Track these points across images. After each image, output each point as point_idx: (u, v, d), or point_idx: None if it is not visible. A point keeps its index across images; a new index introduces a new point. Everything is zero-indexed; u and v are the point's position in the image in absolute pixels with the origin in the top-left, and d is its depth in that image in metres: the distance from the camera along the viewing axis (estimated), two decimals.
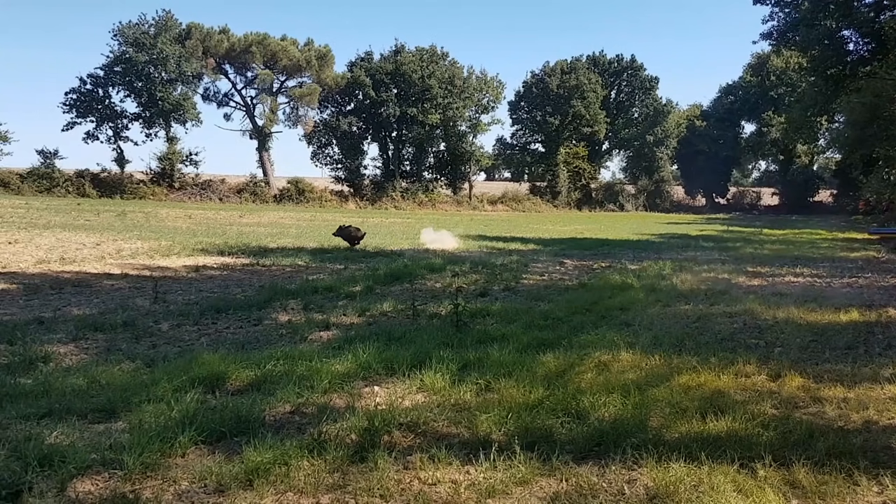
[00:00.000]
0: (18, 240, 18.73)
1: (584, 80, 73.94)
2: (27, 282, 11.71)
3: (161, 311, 9.36)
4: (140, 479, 3.84)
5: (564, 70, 75.29)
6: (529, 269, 15.87)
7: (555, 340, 7.62)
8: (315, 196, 63.71)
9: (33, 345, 7.00)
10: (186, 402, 5.00)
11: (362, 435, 4.49)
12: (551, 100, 74.16)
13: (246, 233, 25.57)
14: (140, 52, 57.64)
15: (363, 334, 7.80)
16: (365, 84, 65.02)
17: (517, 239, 27.15)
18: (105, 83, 60.09)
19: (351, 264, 16.20)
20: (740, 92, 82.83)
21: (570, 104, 73.60)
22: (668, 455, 4.29)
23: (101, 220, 28.76)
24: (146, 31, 59.26)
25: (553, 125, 74.09)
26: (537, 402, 5.21)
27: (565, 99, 73.77)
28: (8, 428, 4.56)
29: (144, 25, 59.99)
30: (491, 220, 47.48)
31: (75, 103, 59.60)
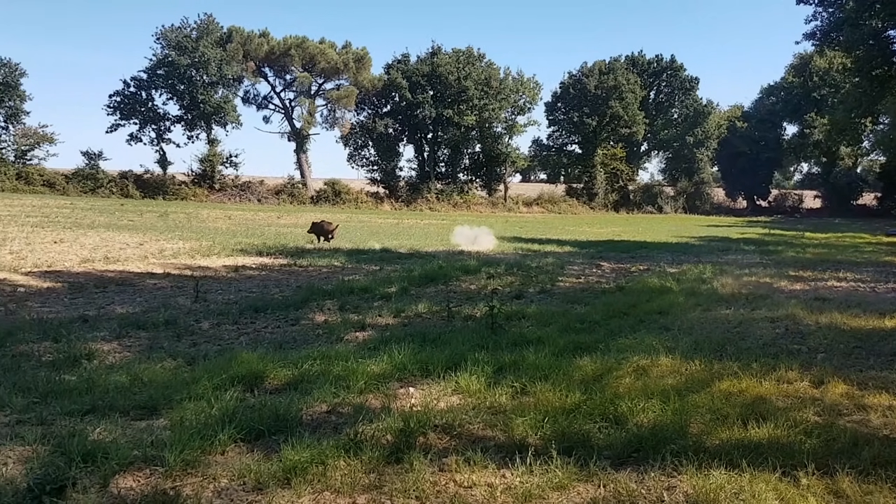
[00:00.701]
0: (64, 239, 19.25)
1: (622, 81, 73.18)
2: (72, 280, 12.02)
3: (202, 310, 9.53)
4: (181, 476, 3.90)
5: (602, 70, 74.63)
6: (565, 272, 15.76)
7: (592, 344, 7.55)
8: (351, 197, 64.22)
9: (78, 342, 7.17)
10: (226, 401, 5.08)
11: (398, 436, 4.50)
12: (589, 100, 73.56)
13: (283, 233, 25.88)
14: (182, 56, 58.80)
15: (398, 335, 7.83)
16: (401, 86, 65.32)
17: (553, 241, 26.98)
18: (148, 86, 61.46)
19: (386, 265, 16.28)
20: (782, 93, 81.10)
21: (608, 105, 72.93)
22: (709, 462, 4.22)
23: (144, 221, 29.40)
24: (188, 35, 60.44)
25: (590, 126, 73.49)
26: (574, 407, 5.16)
27: (603, 99, 73.11)
28: (53, 424, 4.69)
29: (186, 29, 61.19)
30: (526, 222, 47.28)
31: (119, 105, 61.06)
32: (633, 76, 75.16)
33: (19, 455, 4.10)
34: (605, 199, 75.89)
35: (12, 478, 3.76)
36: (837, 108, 46.13)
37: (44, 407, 5.03)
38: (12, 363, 6.31)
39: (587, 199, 75.18)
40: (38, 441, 4.28)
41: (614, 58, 77.27)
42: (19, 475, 3.79)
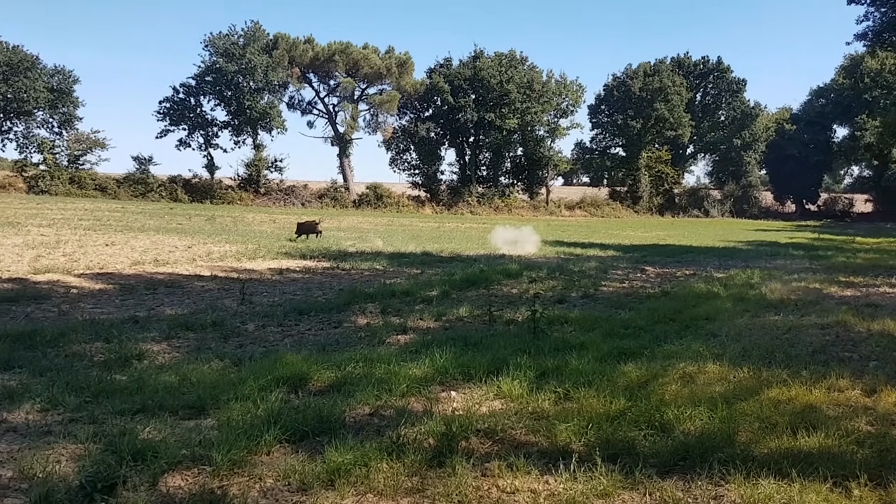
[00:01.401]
0: (115, 242, 19.80)
1: (667, 83, 72.17)
2: (123, 282, 12.35)
3: (247, 312, 9.69)
4: (227, 476, 3.96)
5: (647, 72, 73.72)
6: (609, 276, 15.58)
7: (637, 350, 7.44)
8: (392, 201, 64.65)
9: (128, 343, 7.36)
10: (271, 401, 5.15)
11: (440, 440, 4.50)
12: (633, 103, 72.70)
13: (326, 237, 26.16)
14: (230, 62, 60.04)
15: (440, 339, 7.83)
16: (443, 90, 65.54)
17: (596, 245, 26.72)
18: (196, 92, 62.94)
19: (427, 269, 16.32)
20: (832, 95, 78.86)
21: (653, 107, 71.98)
22: (757, 471, 4.12)
23: (192, 224, 30.07)
24: (235, 42, 61.69)
25: (635, 129, 72.61)
26: (619, 413, 5.09)
27: (648, 102, 72.19)
28: (104, 423, 4.81)
29: (234, 36, 62.47)
30: (568, 226, 46.92)
31: (169, 112, 62.66)
32: (678, 78, 74.05)
33: (72, 453, 4.22)
34: (649, 203, 74.86)
35: (65, 475, 3.86)
36: (890, 110, 44.64)
37: (95, 406, 5.17)
38: (65, 363, 6.50)
39: (631, 203, 74.27)
40: (89, 439, 4.39)
41: (659, 59, 76.31)
42: (72, 473, 3.90)
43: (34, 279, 12.22)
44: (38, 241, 18.80)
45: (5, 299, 10.01)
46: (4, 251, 16.14)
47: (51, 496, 3.56)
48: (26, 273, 12.85)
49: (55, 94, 59.50)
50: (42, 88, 57.93)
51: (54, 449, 4.27)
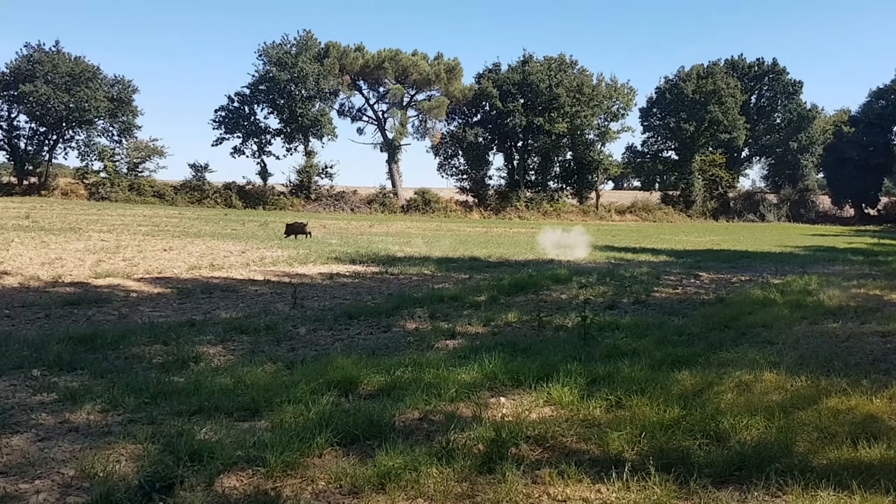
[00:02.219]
0: (173, 247, 20.37)
1: (721, 85, 70.71)
2: (180, 286, 12.69)
3: (299, 316, 9.84)
4: (281, 477, 4.01)
5: (700, 75, 72.38)
6: (661, 282, 15.31)
7: (690, 357, 7.28)
8: (440, 206, 64.93)
9: (185, 345, 7.53)
10: (322, 405, 5.21)
11: (490, 446, 4.47)
12: (686, 106, 71.42)
13: (375, 242, 26.43)
14: (282, 71, 61.28)
15: (488, 344, 7.80)
16: (492, 95, 65.56)
17: (647, 250, 26.30)
18: (251, 101, 64.43)
19: (475, 274, 16.31)
20: (893, 96, 75.96)
21: (706, 110, 70.59)
22: (816, 482, 4.00)
23: (246, 230, 30.74)
24: (288, 51, 62.93)
25: (688, 132, 71.29)
26: (673, 422, 4.98)
27: (701, 104, 70.82)
28: (162, 423, 4.93)
29: (287, 45, 63.77)
30: (619, 231, 46.31)
31: (224, 120, 64.30)
32: (732, 80, 72.49)
33: (131, 453, 4.33)
34: (703, 207, 73.37)
35: (125, 475, 3.96)
36: None
37: (154, 407, 5.30)
38: (125, 365, 6.70)
39: (684, 207, 72.92)
40: (148, 440, 4.50)
41: (713, 62, 74.89)
42: (131, 472, 4.00)
43: (95, 283, 12.65)
44: (99, 247, 19.47)
45: (68, 303, 10.39)
46: (67, 256, 16.77)
47: (111, 495, 3.65)
48: (88, 277, 13.31)
49: (115, 103, 61.68)
50: (103, 98, 60.12)
51: (114, 449, 4.38)
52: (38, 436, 4.66)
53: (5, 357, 6.71)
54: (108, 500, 3.62)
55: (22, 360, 6.62)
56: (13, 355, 6.77)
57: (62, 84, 58.00)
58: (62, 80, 58.08)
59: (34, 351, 6.92)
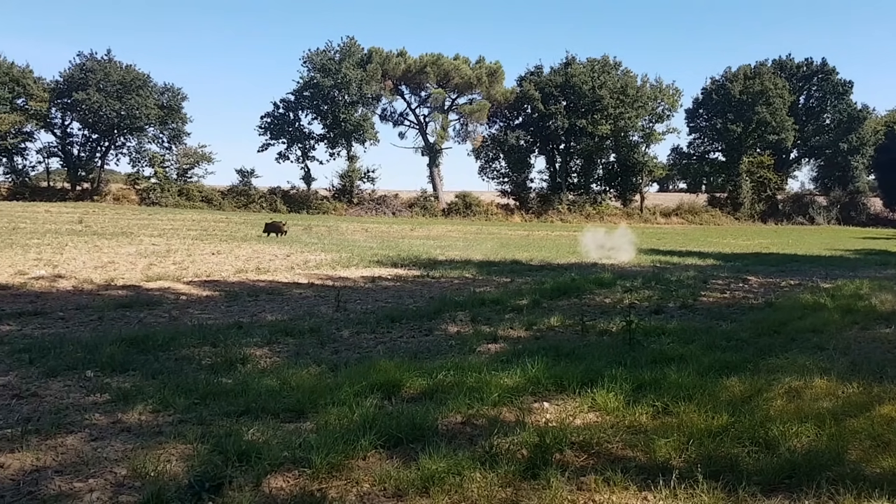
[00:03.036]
0: (221, 251, 20.78)
1: (769, 86, 69.19)
2: (228, 289, 12.93)
3: (342, 319, 9.93)
4: (326, 479, 4.05)
5: (748, 75, 70.95)
6: (708, 286, 15.02)
7: (739, 363, 7.12)
8: (481, 209, 64.92)
9: (233, 347, 7.66)
10: (366, 407, 5.24)
11: (533, 451, 4.44)
12: (733, 106, 70.07)
13: (417, 245, 26.52)
14: (326, 77, 62.11)
15: (531, 348, 7.75)
16: (534, 98, 65.33)
17: (694, 253, 25.87)
18: (295, 107, 65.48)
19: (517, 277, 16.24)
20: None
21: (754, 111, 69.15)
22: (869, 491, 3.89)
23: (290, 234, 31.16)
24: (332, 58, 63.73)
25: (735, 133, 69.94)
26: (721, 429, 4.88)
27: (749, 105, 69.41)
28: (211, 424, 5.02)
29: (331, 52, 64.62)
30: (664, 233, 45.62)
31: (269, 126, 65.46)
32: (780, 81, 70.88)
33: (181, 452, 4.42)
34: (750, 210, 71.82)
35: (175, 474, 4.05)
36: None
37: (203, 407, 5.41)
38: (176, 366, 6.85)
39: (731, 210, 71.48)
40: (198, 440, 4.59)
41: (760, 62, 73.39)
42: (181, 472, 4.08)
43: (147, 286, 12.98)
44: (150, 251, 19.99)
45: (121, 305, 10.68)
46: (120, 260, 17.25)
47: (162, 494, 3.72)
48: (139, 280, 13.67)
49: (165, 110, 63.33)
50: (153, 105, 61.79)
51: (165, 448, 4.48)
52: (92, 435, 4.79)
53: (60, 358, 6.91)
54: (159, 499, 3.70)
55: (76, 361, 6.81)
56: (68, 356, 6.97)
57: (114, 92, 59.78)
58: (114, 88, 59.87)
59: (88, 352, 7.11)
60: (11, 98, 60.45)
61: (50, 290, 12.11)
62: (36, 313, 9.79)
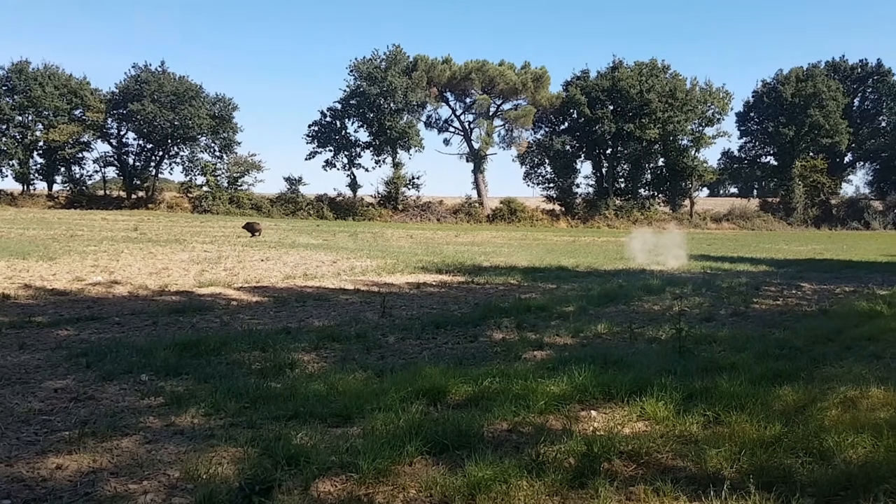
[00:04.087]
0: (269, 258, 21.15)
1: (822, 88, 67.34)
2: (276, 295, 13.15)
3: (388, 325, 9.99)
4: (373, 484, 4.07)
5: (800, 77, 69.20)
6: (761, 293, 14.66)
7: (792, 372, 6.93)
8: (526, 215, 64.66)
9: (282, 352, 7.77)
10: (412, 413, 5.26)
11: (581, 460, 4.39)
12: (785, 109, 68.42)
13: (461, 252, 26.54)
14: (372, 86, 62.78)
15: (577, 356, 7.65)
16: (580, 102, 64.86)
17: (745, 259, 25.27)
18: (342, 115, 66.34)
19: (563, 284, 16.11)
20: None
21: (806, 114, 67.37)
22: None
23: (337, 240, 31.57)
24: (378, 66, 64.38)
25: (787, 136, 68.26)
26: (774, 439, 4.75)
27: (801, 108, 67.66)
28: (261, 427, 5.10)
29: (377, 60, 65.29)
30: (715, 239, 44.69)
31: (317, 134, 66.47)
32: (833, 83, 68.94)
33: (232, 456, 4.50)
34: (803, 215, 69.91)
35: (226, 477, 4.11)
36: None
37: (253, 411, 5.49)
38: (227, 370, 6.98)
39: (784, 215, 69.71)
40: (248, 443, 4.66)
41: (813, 64, 71.55)
42: (232, 475, 4.14)
43: (199, 292, 13.29)
44: (202, 257, 20.48)
45: (174, 310, 10.96)
46: (173, 266, 17.71)
47: (214, 497, 3.79)
48: (192, 286, 14.00)
49: (217, 120, 64.91)
50: (205, 115, 63.38)
51: (217, 451, 4.55)
52: (146, 438, 4.91)
53: (116, 362, 7.11)
54: (210, 501, 3.76)
55: (131, 365, 7.00)
56: (123, 361, 7.17)
57: (167, 102, 61.51)
58: (167, 98, 61.61)
59: (143, 356, 7.30)
60: (70, 109, 62.87)
61: (106, 296, 12.50)
62: (93, 318, 10.11)
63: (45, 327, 9.27)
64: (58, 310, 10.80)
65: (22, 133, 61.92)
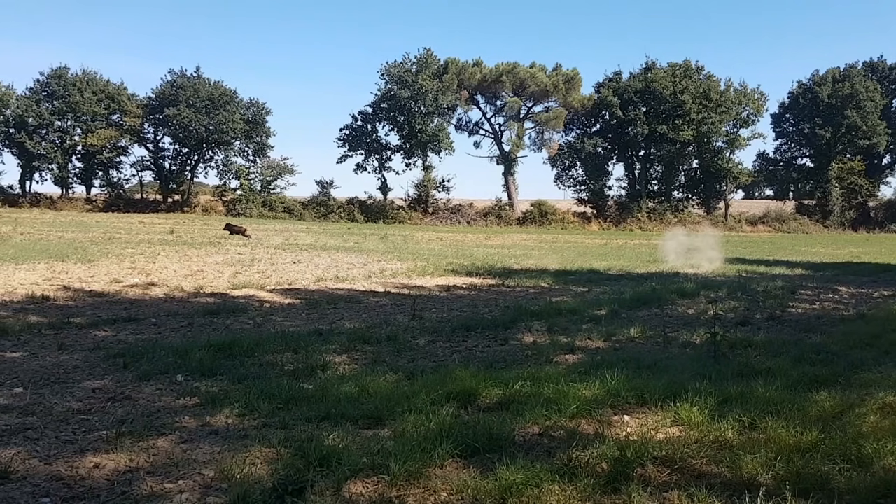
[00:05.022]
0: (301, 260, 21.37)
1: (859, 89, 65.86)
2: (308, 297, 13.28)
3: (418, 328, 10.02)
4: (404, 486, 4.08)
5: (836, 78, 67.76)
6: (797, 297, 14.38)
7: (830, 377, 6.79)
8: (557, 218, 64.27)
9: (314, 354, 7.85)
10: (443, 416, 5.26)
11: (614, 465, 4.35)
12: (821, 111, 67.02)
13: (491, 254, 26.50)
14: (403, 89, 62.99)
15: (610, 360, 7.60)
16: (612, 104, 64.35)
17: (781, 262, 24.83)
18: (373, 119, 66.68)
19: (594, 287, 15.99)
20: None
21: (843, 115, 65.95)
22: None
23: (367, 243, 31.75)
24: (409, 69, 64.59)
25: (823, 138, 66.87)
26: (811, 446, 4.66)
27: (838, 109, 66.22)
28: (293, 428, 5.15)
29: (408, 64, 65.49)
30: (750, 242, 43.97)
31: (348, 138, 66.89)
32: (871, 83, 67.35)
33: (265, 456, 4.54)
34: (841, 217, 68.40)
35: (260, 477, 4.15)
36: None
37: (286, 412, 5.55)
38: (260, 371, 7.07)
39: (820, 217, 68.30)
40: (281, 444, 4.70)
41: (850, 64, 69.89)
42: (265, 475, 4.18)
43: (233, 294, 13.48)
44: (235, 259, 20.76)
45: (209, 312, 11.13)
46: (208, 268, 17.98)
47: (248, 497, 3.82)
48: (226, 288, 14.21)
49: (250, 125, 65.70)
50: (239, 120, 64.19)
51: (250, 452, 4.60)
52: (182, 438, 4.98)
53: (152, 363, 7.24)
54: (244, 501, 3.80)
55: (167, 365, 7.13)
56: (160, 361, 7.29)
57: (203, 107, 62.47)
58: (203, 103, 62.56)
59: (178, 357, 7.42)
60: (107, 114, 64.19)
61: (143, 298, 12.74)
62: (130, 319, 10.32)
63: (84, 328, 9.49)
64: (96, 311, 11.04)
65: (61, 137, 63.36)
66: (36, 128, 62.07)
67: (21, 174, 64.28)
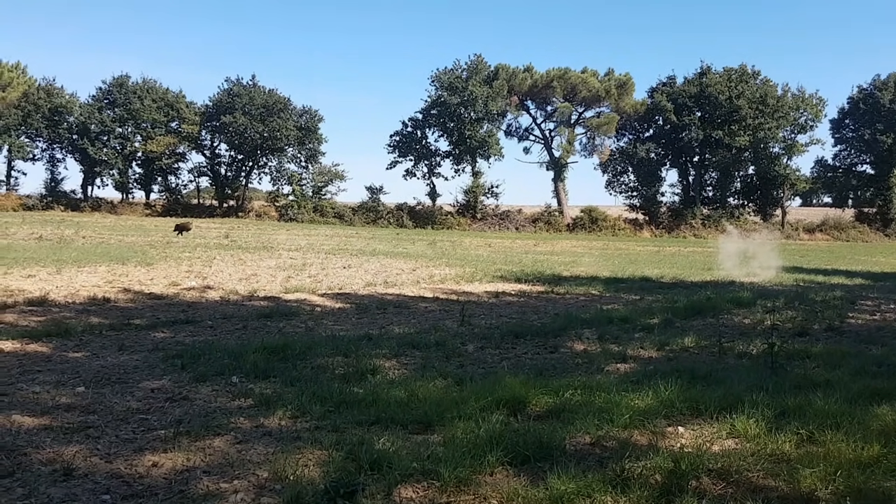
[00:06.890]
0: (351, 265, 21.62)
1: None
2: (358, 302, 13.43)
3: (467, 334, 10.02)
4: (454, 493, 4.09)
5: None
6: (857, 307, 13.90)
7: (891, 391, 6.51)
8: (608, 224, 63.48)
9: (364, 358, 7.92)
10: (492, 423, 5.25)
11: (668, 477, 4.27)
12: (883, 116, 64.59)
13: (540, 261, 26.32)
14: (453, 95, 63.20)
15: (663, 370, 7.46)
16: (666, 109, 63.33)
17: (840, 272, 24.01)
18: (423, 125, 67.07)
19: (647, 295, 15.73)
20: None
21: None
22: None
23: (416, 249, 31.92)
24: (459, 76, 64.81)
25: (885, 144, 64.42)
26: (872, 460, 4.50)
27: None
28: (344, 432, 5.21)
29: (458, 70, 65.75)
30: (808, 250, 42.67)
31: (398, 144, 67.45)
32: None
33: (318, 458, 4.61)
34: None
35: (312, 479, 4.22)
36: None
37: (337, 415, 5.62)
38: (312, 374, 7.18)
39: (881, 226, 65.85)
40: (332, 447, 4.77)
41: None
42: (317, 477, 4.25)
43: (285, 298, 13.73)
44: (288, 264, 21.14)
45: (262, 315, 11.37)
46: (261, 272, 18.36)
47: (301, 498, 3.89)
48: (279, 292, 14.48)
49: (303, 131, 66.92)
50: (292, 127, 65.48)
51: (303, 454, 4.68)
52: (237, 438, 5.10)
53: (209, 364, 7.43)
54: (297, 502, 3.87)
55: (223, 367, 7.30)
56: (215, 363, 7.48)
57: (257, 115, 63.90)
58: (257, 111, 64.01)
59: (233, 359, 7.59)
60: (166, 122, 66.28)
61: (200, 300, 13.08)
62: (187, 321, 10.61)
63: (143, 330, 9.79)
64: (155, 313, 11.39)
65: (122, 144, 65.65)
66: (98, 134, 64.44)
67: (83, 179, 66.98)
